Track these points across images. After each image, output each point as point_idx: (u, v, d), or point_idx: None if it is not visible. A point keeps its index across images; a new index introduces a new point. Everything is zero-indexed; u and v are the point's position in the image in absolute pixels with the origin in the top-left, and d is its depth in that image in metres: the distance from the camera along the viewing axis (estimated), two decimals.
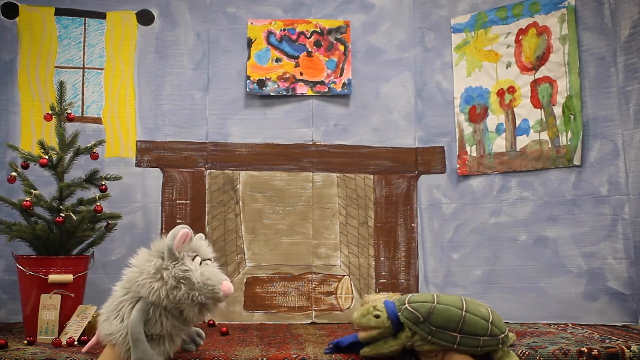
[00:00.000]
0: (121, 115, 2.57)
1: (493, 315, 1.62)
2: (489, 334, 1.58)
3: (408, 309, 1.60)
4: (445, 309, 1.58)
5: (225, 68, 2.64)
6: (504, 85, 2.50)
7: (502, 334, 1.61)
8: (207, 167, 2.59)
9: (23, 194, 2.09)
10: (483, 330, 1.58)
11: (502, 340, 1.61)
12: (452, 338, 1.57)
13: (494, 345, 1.60)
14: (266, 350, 1.76)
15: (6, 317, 2.35)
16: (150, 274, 1.53)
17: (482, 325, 1.58)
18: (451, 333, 1.57)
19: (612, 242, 2.25)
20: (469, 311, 1.59)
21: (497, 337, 1.60)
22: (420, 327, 1.58)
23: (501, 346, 1.61)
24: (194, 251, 1.60)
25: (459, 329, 1.57)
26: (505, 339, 1.62)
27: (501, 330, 1.61)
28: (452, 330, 1.57)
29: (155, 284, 1.52)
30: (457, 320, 1.57)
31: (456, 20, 2.63)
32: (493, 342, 1.59)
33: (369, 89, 2.67)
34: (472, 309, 1.60)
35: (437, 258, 2.56)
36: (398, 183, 2.63)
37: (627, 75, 2.25)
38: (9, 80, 2.50)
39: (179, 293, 1.52)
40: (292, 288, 2.53)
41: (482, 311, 1.61)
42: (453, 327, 1.57)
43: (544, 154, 2.39)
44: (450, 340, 1.57)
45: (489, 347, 1.60)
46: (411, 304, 1.60)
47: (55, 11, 2.57)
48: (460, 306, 1.59)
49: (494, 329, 1.59)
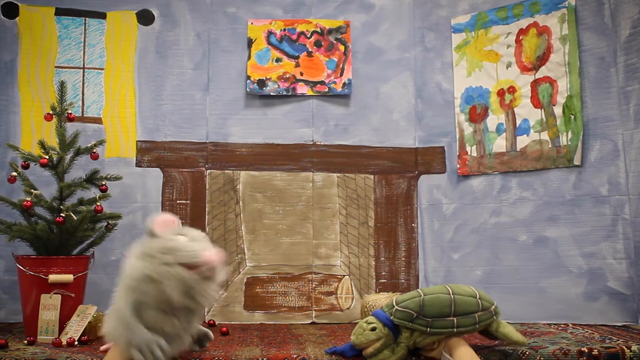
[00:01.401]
0: (121, 115, 2.57)
1: (478, 292, 1.66)
2: (481, 308, 1.62)
3: (399, 309, 1.61)
4: (435, 298, 1.61)
5: (225, 68, 2.64)
6: (504, 85, 2.51)
7: (492, 305, 1.66)
8: (207, 167, 2.59)
9: (23, 194, 2.09)
10: (475, 307, 1.62)
11: (494, 312, 1.66)
12: (449, 323, 1.59)
13: (488, 318, 1.64)
14: (266, 350, 1.76)
15: (6, 317, 2.35)
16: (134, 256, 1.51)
17: (472, 302, 1.62)
18: (447, 319, 1.59)
19: (612, 242, 2.25)
20: (456, 293, 1.62)
21: (489, 310, 1.64)
22: (416, 323, 1.59)
23: (495, 317, 1.66)
24: (180, 233, 1.56)
25: (452, 313, 1.59)
26: (496, 310, 1.67)
27: (490, 302, 1.66)
28: (447, 316, 1.59)
29: (138, 262, 1.49)
30: (449, 305, 1.60)
31: (456, 20, 2.63)
32: (487, 315, 1.63)
33: (369, 89, 2.67)
34: (458, 290, 1.63)
35: (437, 258, 2.56)
36: (398, 183, 2.63)
37: (627, 75, 2.25)
38: (9, 80, 2.50)
39: (158, 265, 1.45)
40: (292, 288, 2.53)
41: (468, 290, 1.65)
42: (447, 312, 1.59)
43: (544, 154, 2.39)
44: (449, 325, 1.59)
45: (484, 321, 1.63)
46: (400, 304, 1.62)
47: (55, 11, 2.57)
48: (447, 291, 1.62)
49: (484, 302, 1.64)
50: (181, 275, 1.46)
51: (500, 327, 1.66)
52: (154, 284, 1.46)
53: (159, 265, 1.46)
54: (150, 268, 1.46)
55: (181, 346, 1.59)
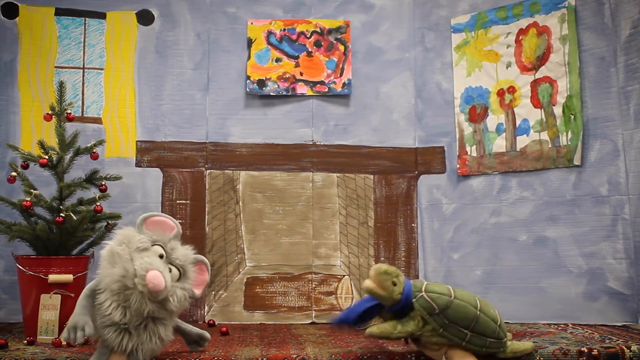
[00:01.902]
0: (121, 115, 2.57)
1: (500, 319, 1.64)
2: (496, 336, 1.60)
3: (425, 297, 1.58)
4: (462, 306, 1.58)
5: (225, 68, 2.64)
6: (504, 85, 2.50)
7: (505, 337, 1.63)
8: (207, 167, 2.59)
9: (23, 194, 2.09)
10: (491, 332, 1.59)
11: (504, 345, 1.63)
12: (463, 335, 1.58)
13: (497, 348, 1.61)
14: (266, 350, 1.76)
15: (6, 317, 2.35)
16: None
17: (492, 327, 1.60)
18: (463, 330, 1.57)
19: (612, 242, 2.25)
20: (483, 311, 1.59)
21: (502, 341, 1.62)
22: (434, 318, 1.57)
23: (502, 349, 1.63)
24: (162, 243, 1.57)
25: (471, 327, 1.57)
26: (506, 343, 1.64)
27: (505, 334, 1.63)
28: (464, 327, 1.57)
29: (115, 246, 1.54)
30: (472, 319, 1.57)
31: (456, 20, 2.63)
32: (497, 345, 1.61)
33: (369, 89, 2.67)
34: (485, 309, 1.61)
35: (437, 258, 2.56)
36: (398, 183, 2.63)
37: (627, 75, 2.25)
38: (9, 80, 2.50)
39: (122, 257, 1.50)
40: (292, 288, 2.53)
41: (493, 313, 1.63)
42: (466, 324, 1.57)
43: (544, 154, 2.39)
44: (461, 336, 1.58)
45: (492, 349, 1.61)
46: (429, 293, 1.58)
47: (55, 11, 2.57)
48: (476, 305, 1.60)
49: (500, 332, 1.61)
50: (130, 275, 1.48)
51: (507, 348, 1.63)
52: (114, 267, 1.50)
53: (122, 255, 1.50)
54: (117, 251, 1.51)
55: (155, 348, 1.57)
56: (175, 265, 1.58)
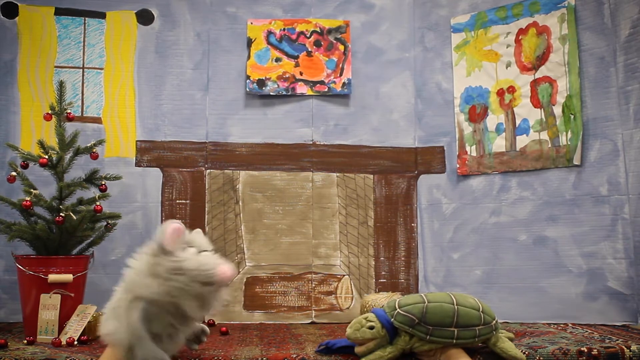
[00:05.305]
0: (121, 115, 2.57)
1: (482, 304, 1.65)
2: (483, 322, 1.61)
3: (401, 313, 1.59)
4: (438, 307, 1.59)
5: (225, 68, 2.64)
6: (504, 85, 2.51)
7: (494, 320, 1.65)
8: (207, 167, 2.59)
9: (23, 194, 2.09)
10: (477, 320, 1.60)
11: (495, 327, 1.64)
12: (449, 333, 1.58)
13: (488, 333, 1.63)
14: (266, 350, 1.76)
15: (6, 317, 2.36)
16: (144, 271, 1.51)
17: (475, 315, 1.61)
18: (448, 329, 1.58)
19: (612, 242, 2.25)
20: (460, 304, 1.61)
21: (490, 325, 1.63)
22: (416, 329, 1.58)
23: (494, 332, 1.64)
24: (188, 243, 1.57)
25: (454, 323, 1.58)
26: (497, 325, 1.65)
27: (492, 317, 1.65)
28: (448, 326, 1.58)
29: (149, 280, 1.49)
30: (452, 315, 1.58)
31: (456, 20, 2.63)
32: (487, 329, 1.62)
33: (369, 89, 2.67)
34: (462, 301, 1.62)
35: (437, 258, 2.56)
36: (398, 183, 2.64)
37: (627, 75, 2.25)
38: (9, 80, 2.50)
39: (174, 286, 1.48)
40: (292, 288, 2.53)
41: (472, 302, 1.64)
42: (449, 322, 1.58)
43: (544, 153, 2.39)
44: (449, 335, 1.58)
45: (484, 335, 1.62)
46: (403, 308, 1.60)
47: (55, 11, 2.57)
48: (451, 301, 1.61)
49: (486, 317, 1.62)
50: (198, 292, 1.50)
51: (499, 342, 1.64)
52: (168, 299, 1.49)
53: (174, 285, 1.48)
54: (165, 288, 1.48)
55: (180, 345, 1.62)
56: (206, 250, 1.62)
